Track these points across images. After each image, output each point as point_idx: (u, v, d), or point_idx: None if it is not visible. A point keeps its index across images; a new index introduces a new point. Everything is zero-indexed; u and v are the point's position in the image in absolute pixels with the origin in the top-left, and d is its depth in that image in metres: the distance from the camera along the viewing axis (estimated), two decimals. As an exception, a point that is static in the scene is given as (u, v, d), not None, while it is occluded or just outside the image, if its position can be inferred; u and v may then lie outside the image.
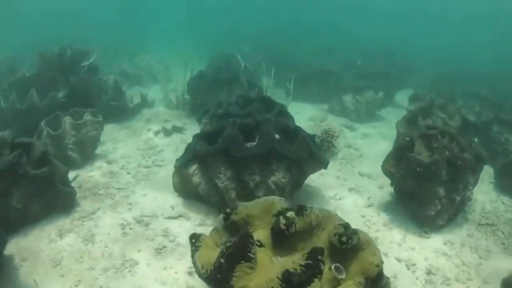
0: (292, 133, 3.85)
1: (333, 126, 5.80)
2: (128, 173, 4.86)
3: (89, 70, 6.69)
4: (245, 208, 2.41)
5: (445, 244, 4.06)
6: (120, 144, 5.73)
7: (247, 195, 3.50)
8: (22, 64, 8.13)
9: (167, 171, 4.78)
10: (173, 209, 4.03)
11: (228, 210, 2.37)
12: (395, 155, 4.15)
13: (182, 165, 3.77)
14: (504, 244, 4.15)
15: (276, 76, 7.81)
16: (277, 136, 3.44)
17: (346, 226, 2.40)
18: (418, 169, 3.81)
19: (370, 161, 5.66)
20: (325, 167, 3.94)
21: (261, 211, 2.43)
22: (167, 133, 6.01)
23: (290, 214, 2.19)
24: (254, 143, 3.69)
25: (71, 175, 4.78)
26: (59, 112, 5.34)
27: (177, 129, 6.14)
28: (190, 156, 3.68)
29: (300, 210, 2.27)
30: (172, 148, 5.57)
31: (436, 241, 4.08)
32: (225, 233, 2.52)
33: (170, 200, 4.17)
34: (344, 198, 4.50)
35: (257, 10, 21.26)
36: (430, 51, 14.13)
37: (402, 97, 9.00)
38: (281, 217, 2.18)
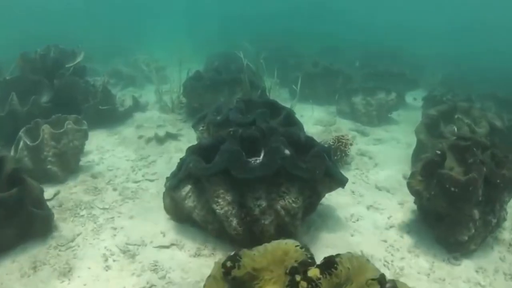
0: (304, 145, 3.27)
1: (345, 132, 5.21)
2: (115, 189, 4.28)
3: (75, 72, 6.10)
4: (251, 259, 1.83)
5: (477, 271, 3.51)
6: (107, 154, 5.15)
7: (251, 222, 2.92)
8: (8, 66, 7.54)
9: (158, 187, 4.20)
10: (164, 235, 3.45)
11: (229, 263, 1.79)
12: (423, 171, 3.56)
13: (173, 186, 3.19)
14: (541, 268, 3.62)
15: (279, 75, 7.21)
16: (287, 152, 2.86)
17: (380, 280, 1.83)
18: (452, 188, 3.23)
19: (386, 171, 5.08)
20: (343, 187, 3.36)
21: (271, 261, 1.86)
22: (160, 140, 5.43)
23: (313, 273, 1.61)
24: (259, 159, 3.11)
25: (51, 190, 4.25)
26: (39, 120, 4.77)
27: (171, 136, 5.56)
28: (183, 176, 3.10)
29: (328, 266, 1.69)
30: (165, 159, 4.99)
31: (467, 268, 3.53)
32: (225, 285, 1.95)
33: (161, 224, 3.59)
34: (363, 219, 3.91)
35: (258, 8, 20.55)
36: (434, 51, 13.50)
37: (412, 97, 8.42)
38: (300, 280, 1.59)
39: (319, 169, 2.91)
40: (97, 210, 3.93)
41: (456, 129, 4.89)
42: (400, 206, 4.31)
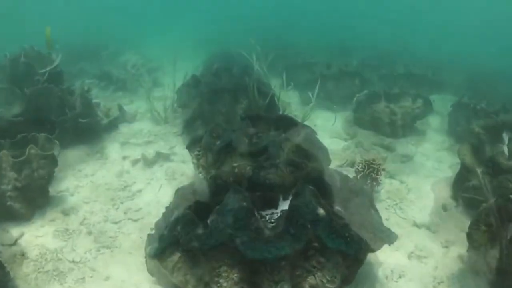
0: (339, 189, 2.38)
1: (370, 150, 4.31)
2: (89, 232, 3.40)
3: (50, 78, 5.19)
4: None
5: None
6: (85, 181, 4.25)
7: (268, 310, 2.03)
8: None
9: (143, 231, 3.32)
10: (147, 310, 2.58)
11: None
12: (488, 219, 2.68)
13: (157, 253, 2.29)
14: None
15: (288, 76, 6.26)
16: (320, 211, 1.97)
17: None
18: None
19: (422, 200, 4.20)
20: (390, 245, 2.49)
21: None
22: (148, 163, 4.53)
23: None
24: (277, 213, 2.23)
25: (14, 233, 3.43)
26: (1, 141, 3.91)
27: (162, 156, 4.66)
28: (168, 242, 2.21)
29: None
30: (153, 188, 4.09)
31: None
32: None
33: (144, 291, 2.72)
34: (405, 275, 3.03)
35: (264, 5, 19.50)
36: (446, 51, 12.53)
37: (438, 102, 7.50)
38: None
39: (358, 249, 2.02)
40: (66, 264, 3.07)
41: (506, 150, 4.00)
42: (445, 250, 3.45)
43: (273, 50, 7.38)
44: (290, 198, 2.23)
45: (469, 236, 2.79)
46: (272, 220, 2.17)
